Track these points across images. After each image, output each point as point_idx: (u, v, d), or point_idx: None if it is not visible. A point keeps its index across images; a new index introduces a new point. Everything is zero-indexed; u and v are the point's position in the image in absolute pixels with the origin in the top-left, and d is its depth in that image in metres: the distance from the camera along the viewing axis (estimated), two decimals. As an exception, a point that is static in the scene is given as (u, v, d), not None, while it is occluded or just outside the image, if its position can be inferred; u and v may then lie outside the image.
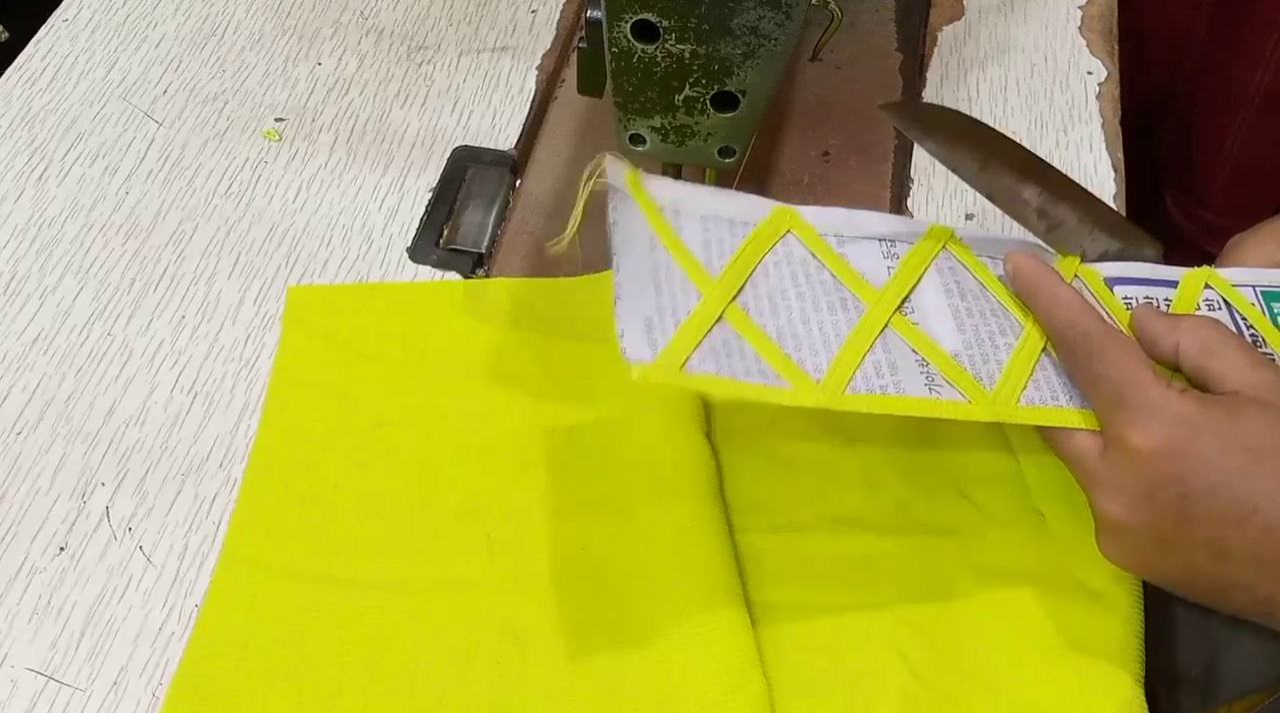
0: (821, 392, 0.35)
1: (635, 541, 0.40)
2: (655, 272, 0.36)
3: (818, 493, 0.42)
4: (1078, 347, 0.36)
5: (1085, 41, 0.59)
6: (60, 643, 0.39)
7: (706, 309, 0.36)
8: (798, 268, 0.38)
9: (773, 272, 0.38)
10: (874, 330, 0.37)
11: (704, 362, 0.34)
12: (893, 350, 0.37)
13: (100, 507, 0.42)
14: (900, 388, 0.36)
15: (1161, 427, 0.33)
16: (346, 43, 0.59)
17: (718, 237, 0.38)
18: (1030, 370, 0.37)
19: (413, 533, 0.41)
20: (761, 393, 0.35)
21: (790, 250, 0.38)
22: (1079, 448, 0.36)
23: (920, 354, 0.37)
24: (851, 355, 0.36)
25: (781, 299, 0.37)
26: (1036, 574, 0.40)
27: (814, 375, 0.36)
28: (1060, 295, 0.37)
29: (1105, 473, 0.35)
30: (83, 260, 0.50)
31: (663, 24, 0.37)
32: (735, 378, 0.35)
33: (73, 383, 0.46)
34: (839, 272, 0.38)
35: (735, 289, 0.37)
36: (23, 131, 0.55)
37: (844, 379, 0.36)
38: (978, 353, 0.37)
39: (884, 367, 0.36)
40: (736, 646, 0.37)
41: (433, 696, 0.38)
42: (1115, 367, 0.35)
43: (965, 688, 0.38)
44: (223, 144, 0.55)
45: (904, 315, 0.38)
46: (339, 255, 0.50)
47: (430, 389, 0.45)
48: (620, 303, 0.35)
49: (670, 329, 0.35)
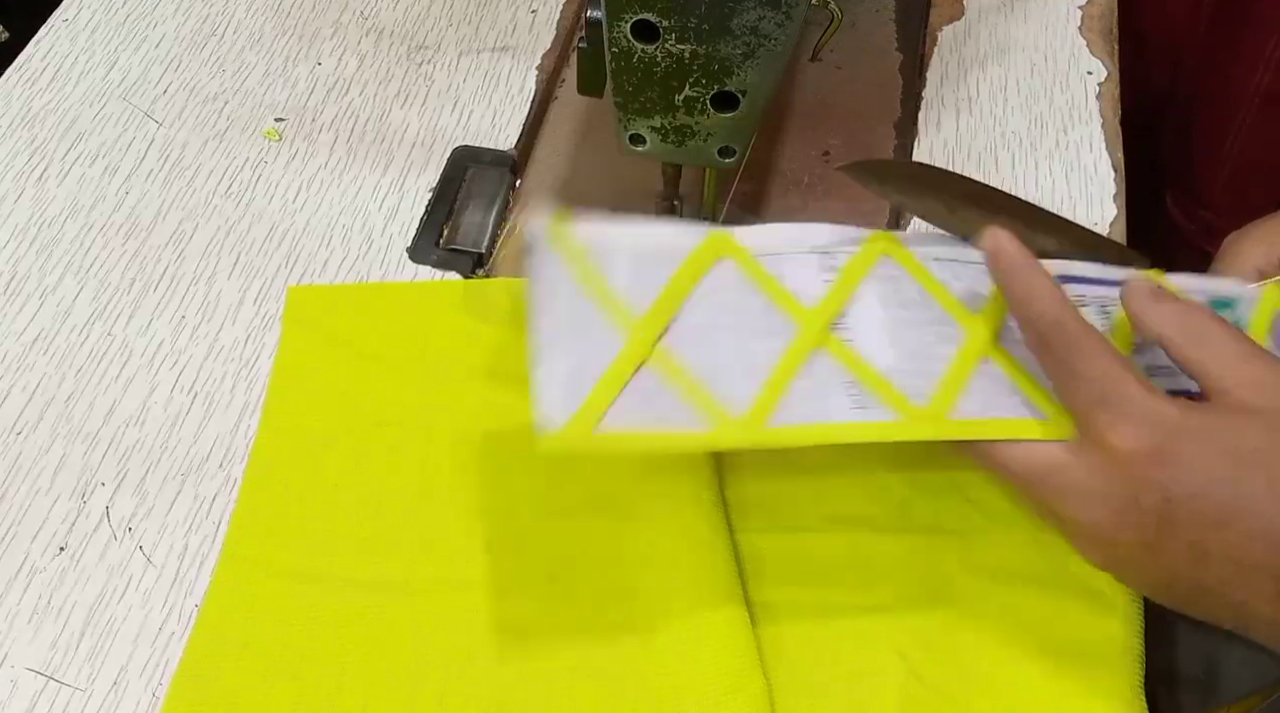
0: (742, 429, 0.34)
1: (635, 541, 0.40)
2: (578, 323, 0.35)
3: (818, 493, 0.42)
4: (1054, 340, 0.34)
5: (1085, 41, 0.59)
6: (60, 643, 0.39)
7: (627, 356, 0.35)
8: (729, 296, 0.37)
9: (702, 303, 0.36)
10: (802, 355, 0.36)
11: (618, 417, 0.34)
12: (820, 374, 0.36)
13: (100, 507, 0.42)
14: (826, 415, 0.35)
15: (1146, 429, 0.32)
16: (346, 43, 0.59)
17: (646, 272, 0.36)
18: (964, 382, 0.36)
19: (412, 533, 0.41)
20: (678, 442, 0.34)
21: (723, 278, 0.37)
22: (1037, 462, 0.34)
23: (851, 374, 0.36)
24: (777, 385, 0.35)
25: (709, 332, 0.36)
26: (1037, 575, 0.40)
27: (735, 413, 0.34)
28: (1037, 284, 0.35)
29: (1081, 479, 0.33)
30: (83, 260, 0.50)
31: (663, 24, 0.37)
32: (649, 430, 0.34)
33: (73, 383, 0.46)
34: (772, 293, 0.37)
35: (661, 327, 0.35)
36: (23, 131, 0.55)
37: (766, 413, 0.35)
38: (911, 368, 0.36)
39: (810, 393, 0.35)
40: (736, 646, 0.37)
41: (433, 695, 0.38)
42: (1094, 365, 0.33)
43: (965, 688, 0.38)
44: (223, 144, 0.55)
45: (836, 334, 0.36)
46: (339, 255, 0.50)
47: (430, 389, 0.45)
48: (540, 366, 0.34)
49: (587, 386, 0.34)
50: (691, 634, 0.38)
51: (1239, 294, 0.39)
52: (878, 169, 0.39)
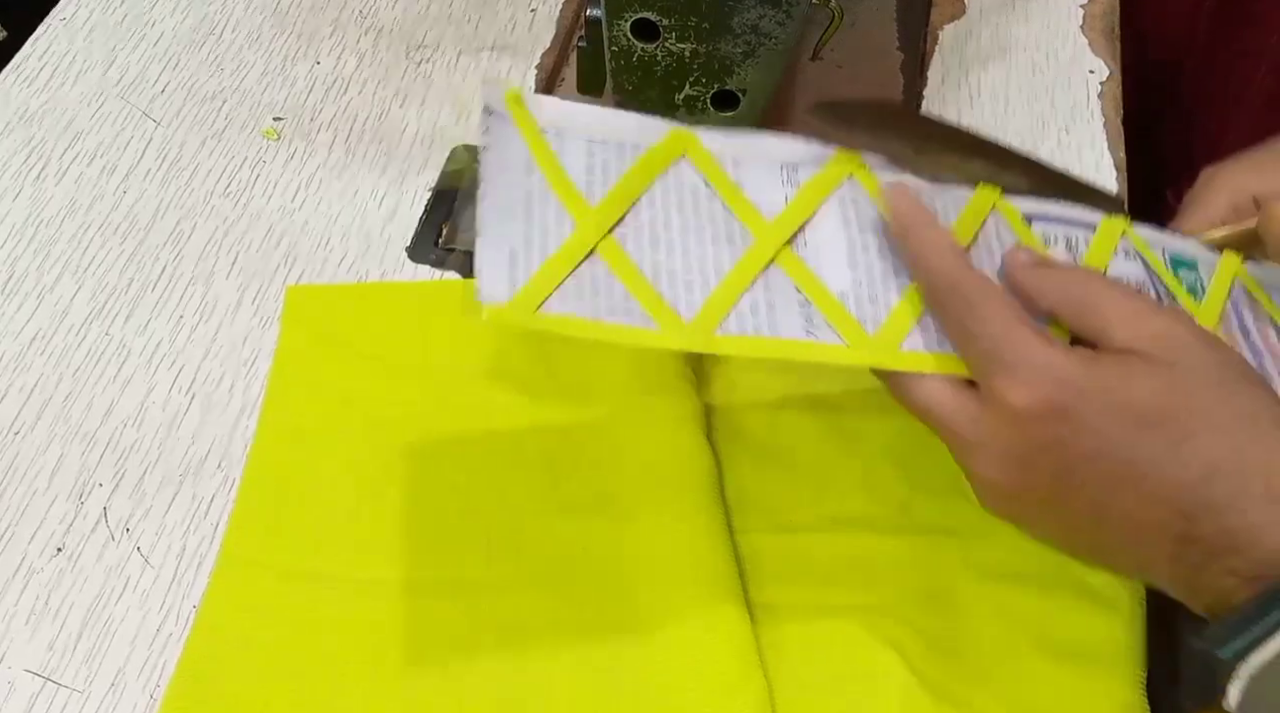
0: (690, 333, 0.33)
1: (635, 540, 0.40)
2: (528, 200, 0.34)
3: (818, 493, 0.42)
4: (948, 299, 0.33)
5: (1087, 41, 0.59)
6: (58, 645, 0.39)
7: (577, 242, 0.33)
8: (686, 197, 0.35)
9: (659, 200, 0.35)
10: (757, 267, 0.35)
11: (565, 302, 0.32)
12: (774, 289, 0.35)
13: (98, 507, 0.42)
14: (775, 330, 0.34)
15: (1042, 387, 0.31)
16: (345, 42, 0.59)
17: (603, 161, 0.35)
18: (919, 315, 0.35)
19: (411, 533, 0.41)
20: (623, 335, 0.33)
21: (681, 178, 0.36)
22: (948, 408, 0.33)
23: (804, 293, 0.35)
24: (728, 294, 0.34)
25: (664, 231, 0.35)
26: (1037, 574, 0.40)
27: (685, 315, 0.33)
28: (932, 243, 0.34)
29: (980, 435, 0.32)
30: (80, 260, 0.50)
31: (663, 23, 0.37)
32: (597, 319, 0.32)
33: (70, 383, 0.46)
34: (730, 201, 0.36)
35: (614, 220, 0.34)
36: (20, 131, 0.55)
37: (715, 320, 0.33)
38: (865, 294, 0.35)
39: (760, 307, 0.34)
40: (736, 646, 0.37)
41: (431, 696, 0.38)
42: (987, 321, 0.32)
43: (966, 688, 0.38)
44: (221, 143, 0.54)
45: (793, 250, 0.35)
46: (337, 255, 0.50)
47: (429, 389, 0.45)
48: (482, 237, 0.32)
49: (535, 265, 0.32)
50: (691, 634, 0.38)
51: (1200, 257, 0.39)
52: (843, 111, 0.38)
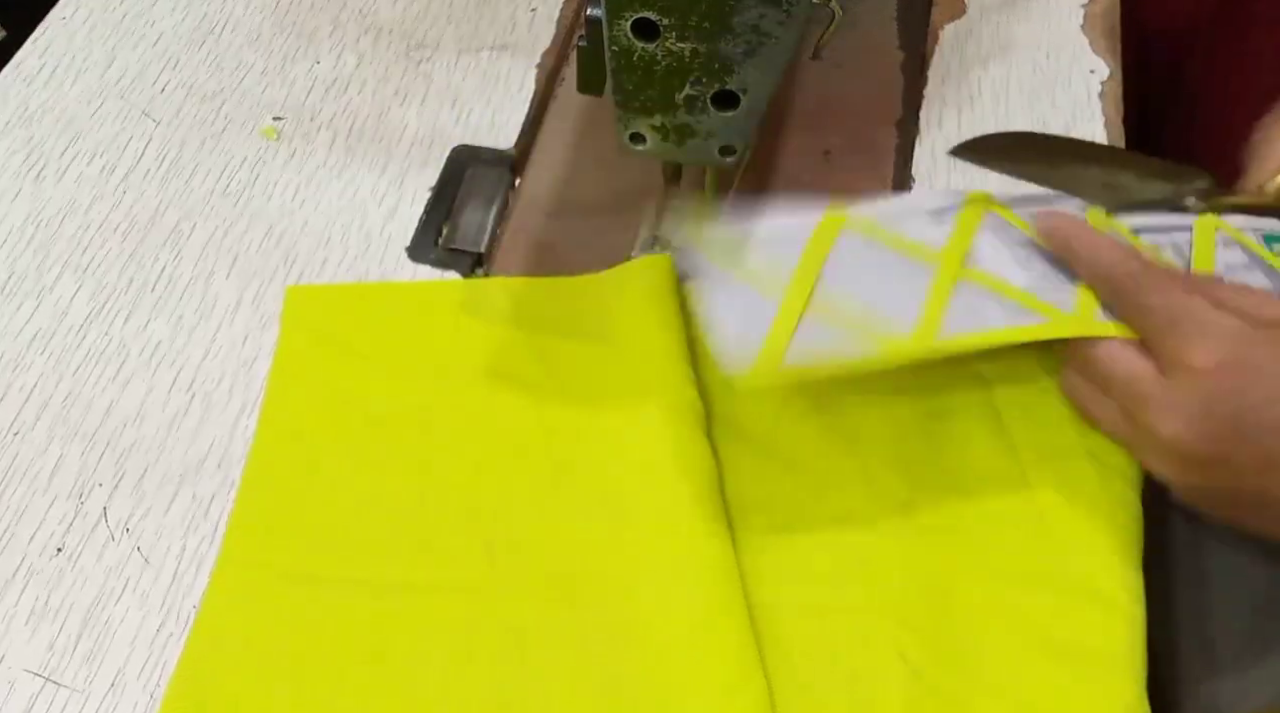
0: (915, 343, 0.38)
1: (635, 540, 0.40)
2: (731, 293, 0.40)
3: (818, 493, 0.42)
4: (1125, 285, 0.37)
5: (1088, 40, 0.59)
6: (58, 645, 0.39)
7: (788, 309, 0.39)
8: (861, 255, 0.41)
9: (839, 266, 0.41)
10: (949, 284, 0.40)
11: (800, 354, 0.38)
12: (970, 296, 0.40)
13: (98, 507, 0.42)
14: (987, 322, 0.39)
15: (1218, 343, 0.34)
16: (345, 41, 0.59)
17: (780, 253, 0.41)
18: (1097, 304, 0.39)
19: (412, 533, 0.41)
20: (860, 365, 0.38)
21: (851, 244, 0.42)
22: (1138, 369, 0.37)
23: (998, 293, 0.40)
24: (935, 307, 0.39)
25: (852, 284, 0.40)
26: (1038, 574, 0.40)
27: (903, 332, 0.38)
28: (1099, 242, 0.39)
29: (1162, 393, 0.36)
30: (80, 259, 0.50)
31: (663, 22, 0.37)
32: (832, 356, 0.38)
33: (70, 383, 0.46)
34: (899, 247, 0.41)
35: (809, 289, 0.40)
36: (20, 130, 0.55)
37: (934, 329, 0.38)
38: (1048, 286, 0.40)
39: (966, 310, 0.39)
40: (736, 646, 0.37)
41: (432, 696, 0.38)
42: (1166, 295, 0.36)
43: (967, 689, 0.38)
44: (221, 143, 0.54)
45: (971, 267, 0.41)
46: (337, 255, 0.50)
47: (429, 389, 0.45)
48: (714, 324, 0.39)
49: (760, 336, 0.38)
50: (691, 634, 0.38)
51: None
52: (981, 146, 0.44)
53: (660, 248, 0.49)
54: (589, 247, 0.51)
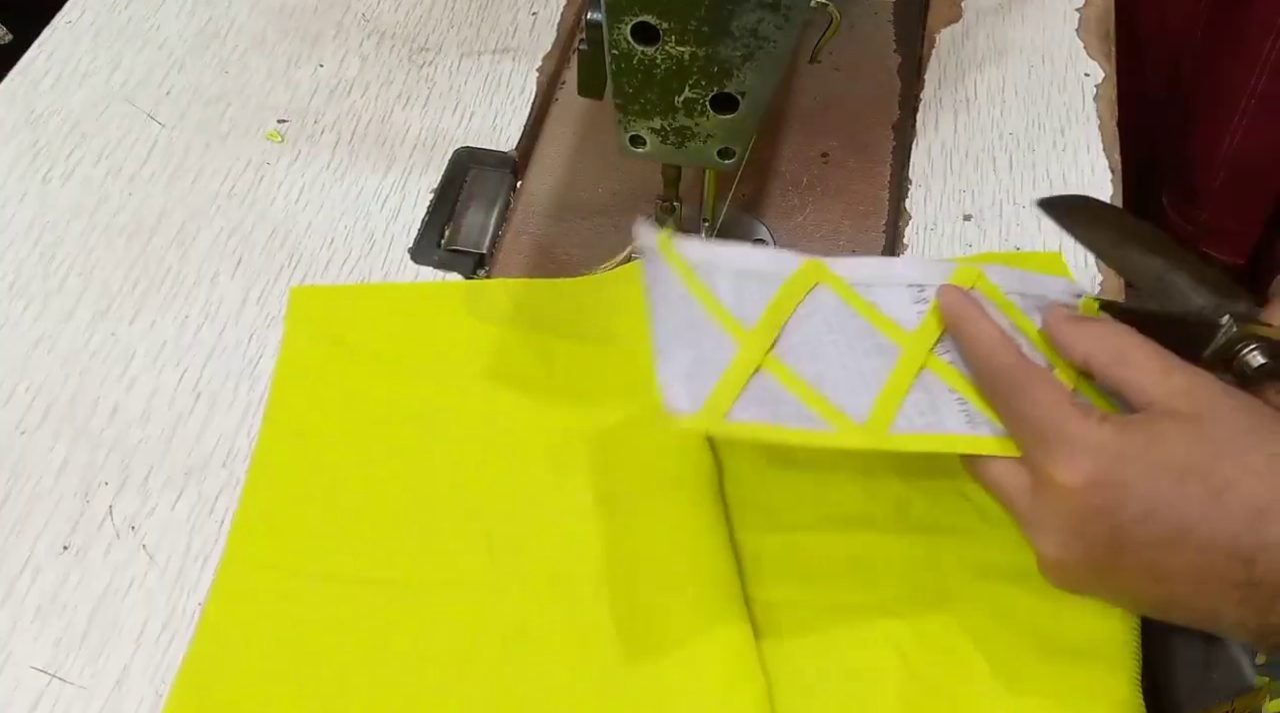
0: (865, 433, 0.36)
1: (636, 540, 0.41)
2: (692, 326, 0.38)
3: (817, 492, 0.42)
4: (997, 382, 0.36)
5: (1083, 43, 0.60)
6: (64, 642, 0.39)
7: (745, 359, 0.37)
8: (830, 317, 0.39)
9: (806, 322, 0.39)
10: (911, 372, 0.38)
11: (746, 409, 0.35)
12: (931, 390, 0.38)
13: (104, 506, 0.43)
14: (942, 425, 0.37)
15: (1084, 460, 0.33)
16: (348, 45, 0.60)
17: (750, 291, 0.39)
18: None
19: (414, 532, 0.42)
20: (806, 437, 0.36)
21: (821, 301, 0.40)
22: (1010, 486, 0.36)
23: (958, 392, 0.38)
24: (891, 397, 0.37)
25: (818, 347, 0.38)
26: (1035, 574, 0.40)
27: (856, 418, 0.36)
28: (982, 331, 0.37)
29: (1035, 511, 0.35)
30: (86, 261, 0.50)
31: (663, 26, 0.37)
32: (779, 423, 0.35)
33: (76, 383, 0.46)
34: (871, 318, 0.39)
35: (771, 340, 0.38)
36: (26, 133, 0.55)
37: (886, 420, 0.37)
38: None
39: (924, 405, 0.37)
40: (736, 645, 0.38)
41: (434, 695, 0.38)
42: (1034, 403, 0.35)
43: (964, 687, 0.38)
44: (225, 146, 0.55)
45: (938, 356, 0.39)
46: (341, 256, 0.51)
47: (432, 389, 0.45)
48: (660, 357, 0.36)
49: (711, 379, 0.36)
50: (691, 634, 0.38)
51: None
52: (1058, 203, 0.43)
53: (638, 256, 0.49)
54: (590, 248, 0.51)
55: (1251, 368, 0.38)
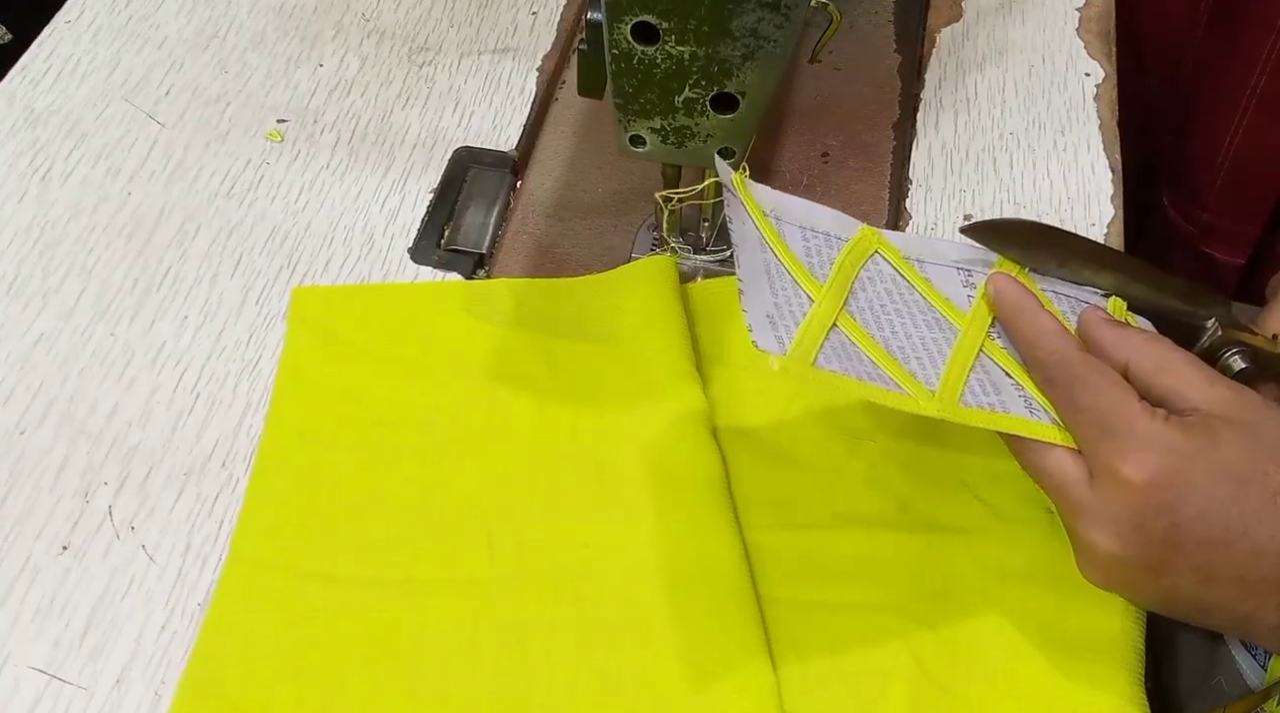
0: (938, 402, 0.36)
1: (642, 539, 0.41)
2: (768, 272, 0.38)
3: (825, 490, 0.42)
4: (1058, 373, 0.36)
5: (1083, 43, 0.60)
6: (63, 642, 0.39)
7: (822, 313, 0.37)
8: (890, 286, 0.40)
9: (869, 286, 0.39)
10: (971, 352, 0.38)
11: (829, 362, 0.36)
12: (990, 372, 0.38)
13: (103, 506, 0.43)
14: (1005, 407, 0.37)
15: (1152, 457, 0.33)
16: (348, 44, 0.60)
17: (816, 246, 0.40)
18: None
19: (415, 532, 0.42)
20: (886, 397, 0.36)
21: (880, 269, 0.40)
22: (1064, 473, 0.36)
23: (1014, 378, 0.38)
24: (958, 372, 0.38)
25: (883, 313, 0.39)
26: (1043, 572, 0.40)
27: (928, 386, 0.37)
28: (1041, 326, 0.37)
29: (1093, 503, 0.35)
30: (85, 261, 0.50)
31: (663, 26, 0.37)
32: (860, 379, 0.36)
33: (76, 383, 0.46)
34: (927, 294, 0.40)
35: (842, 298, 0.38)
36: (26, 133, 0.55)
37: (957, 393, 0.37)
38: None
39: (988, 386, 0.38)
40: (745, 643, 0.38)
41: (435, 694, 0.38)
42: (1100, 396, 0.35)
43: (973, 685, 0.38)
44: (225, 145, 0.55)
45: (994, 340, 0.39)
46: (340, 256, 0.51)
47: (433, 389, 0.45)
48: (744, 297, 0.36)
49: (792, 327, 0.36)
50: (700, 631, 0.38)
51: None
52: (996, 228, 0.42)
53: (664, 249, 0.49)
54: (590, 247, 0.51)
55: (1233, 372, 0.39)
